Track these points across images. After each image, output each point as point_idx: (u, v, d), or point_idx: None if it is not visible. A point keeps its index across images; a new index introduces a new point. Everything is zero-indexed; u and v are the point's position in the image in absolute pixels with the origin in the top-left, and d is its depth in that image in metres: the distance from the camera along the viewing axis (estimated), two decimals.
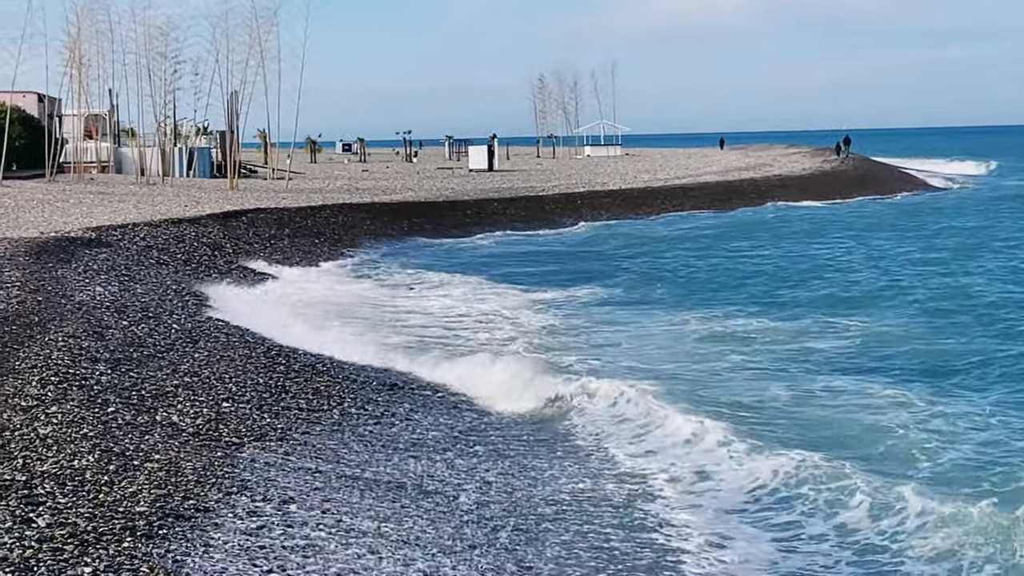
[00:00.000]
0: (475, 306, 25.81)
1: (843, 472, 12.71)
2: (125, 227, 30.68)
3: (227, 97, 60.67)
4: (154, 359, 16.31)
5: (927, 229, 45.48)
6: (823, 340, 21.50)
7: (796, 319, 23.98)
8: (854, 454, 13.70)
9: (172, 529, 9.82)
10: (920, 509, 11.51)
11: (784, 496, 12.34)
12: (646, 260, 35.85)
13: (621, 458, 13.81)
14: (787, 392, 17.14)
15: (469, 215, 48.71)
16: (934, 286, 28.53)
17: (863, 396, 16.87)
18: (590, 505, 12.09)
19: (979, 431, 14.81)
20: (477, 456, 13.91)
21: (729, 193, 63.44)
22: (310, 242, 35.86)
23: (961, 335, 21.77)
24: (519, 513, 11.70)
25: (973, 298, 26.40)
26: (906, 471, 13.04)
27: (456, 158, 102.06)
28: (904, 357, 19.78)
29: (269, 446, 13.03)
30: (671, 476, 13.00)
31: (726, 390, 17.33)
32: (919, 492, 11.93)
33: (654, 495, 12.49)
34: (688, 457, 13.71)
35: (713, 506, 12.18)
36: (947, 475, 12.96)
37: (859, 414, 15.78)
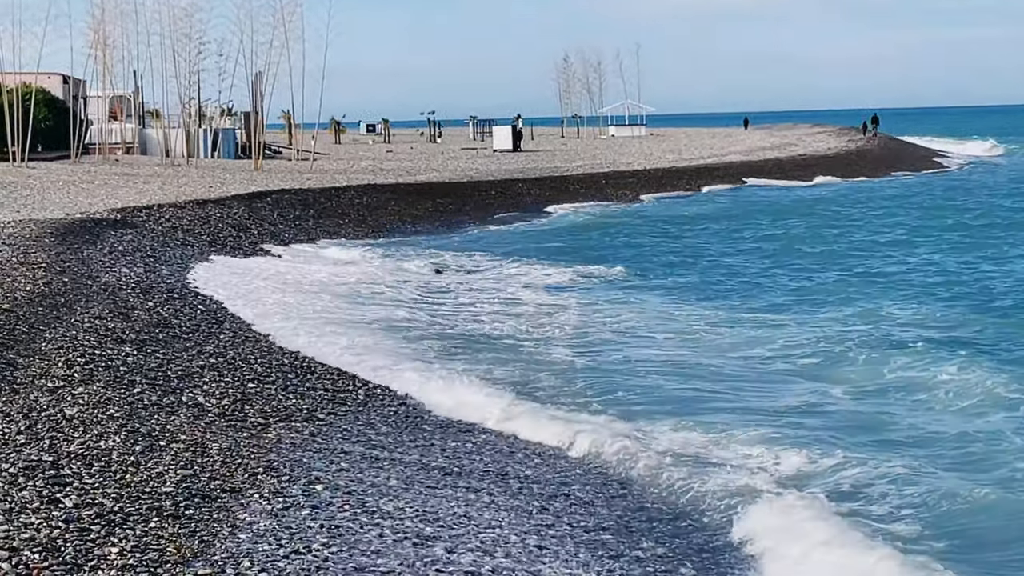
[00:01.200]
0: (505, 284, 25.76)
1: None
2: (150, 208, 30.73)
3: (251, 78, 60.72)
4: (180, 340, 16.35)
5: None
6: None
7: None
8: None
9: (198, 510, 9.84)
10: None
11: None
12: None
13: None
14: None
15: (494, 195, 48.66)
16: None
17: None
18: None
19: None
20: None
21: (755, 173, 63.26)
22: (335, 223, 35.86)
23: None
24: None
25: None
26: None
27: (480, 138, 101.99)
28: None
29: (295, 426, 13.04)
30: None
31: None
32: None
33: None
34: None
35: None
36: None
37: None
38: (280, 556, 9.09)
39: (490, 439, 13.70)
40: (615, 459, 12.62)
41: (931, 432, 13.77)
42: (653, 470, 12.17)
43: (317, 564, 9.00)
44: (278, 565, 8.92)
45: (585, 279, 27.09)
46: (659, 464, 12.29)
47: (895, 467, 12.13)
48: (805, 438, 13.32)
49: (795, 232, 37.79)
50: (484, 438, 13.73)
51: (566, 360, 17.73)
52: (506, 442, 13.57)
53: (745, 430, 13.48)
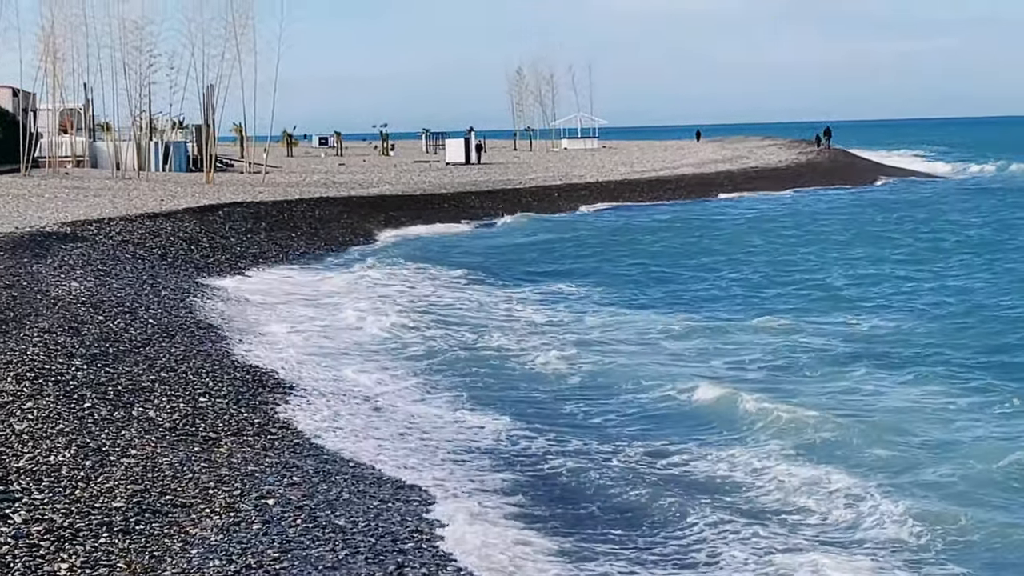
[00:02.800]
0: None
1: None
2: (100, 222, 30.54)
3: (203, 91, 60.40)
4: (130, 354, 16.26)
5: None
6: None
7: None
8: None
9: (149, 525, 9.79)
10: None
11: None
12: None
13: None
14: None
15: (447, 208, 48.67)
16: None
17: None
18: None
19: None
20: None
21: (705, 185, 63.52)
22: (287, 236, 35.76)
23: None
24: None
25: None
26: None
27: (433, 151, 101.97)
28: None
29: (246, 441, 12.98)
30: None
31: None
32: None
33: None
34: None
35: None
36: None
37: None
38: (231, 572, 9.06)
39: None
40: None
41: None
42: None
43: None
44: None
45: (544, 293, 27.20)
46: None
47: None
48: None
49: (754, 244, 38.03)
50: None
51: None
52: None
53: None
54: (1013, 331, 21.14)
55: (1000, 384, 16.76)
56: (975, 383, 17.04)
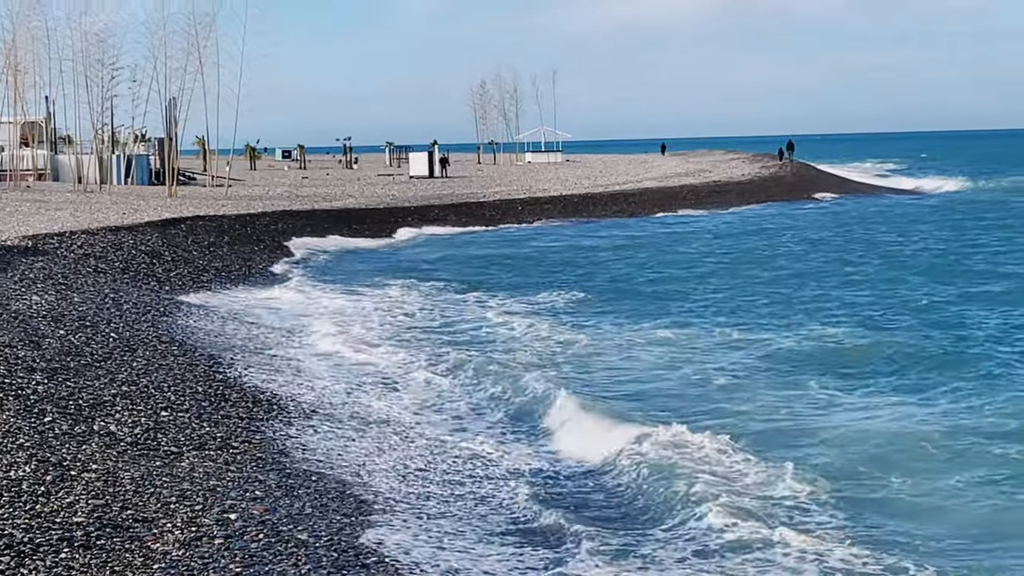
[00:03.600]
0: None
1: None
2: (62, 235, 30.39)
3: (165, 104, 60.26)
4: (91, 368, 16.17)
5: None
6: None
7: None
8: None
9: (110, 540, 9.74)
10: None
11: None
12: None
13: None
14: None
15: (411, 222, 48.69)
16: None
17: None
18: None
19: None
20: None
21: (669, 199, 63.67)
22: (250, 249, 35.68)
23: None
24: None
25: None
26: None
27: (397, 164, 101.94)
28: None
29: (208, 455, 12.93)
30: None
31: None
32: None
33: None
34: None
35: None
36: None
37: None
38: None
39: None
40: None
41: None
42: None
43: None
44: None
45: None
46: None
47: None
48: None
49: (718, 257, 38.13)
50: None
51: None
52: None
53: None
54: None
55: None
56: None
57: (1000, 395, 17.03)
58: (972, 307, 25.69)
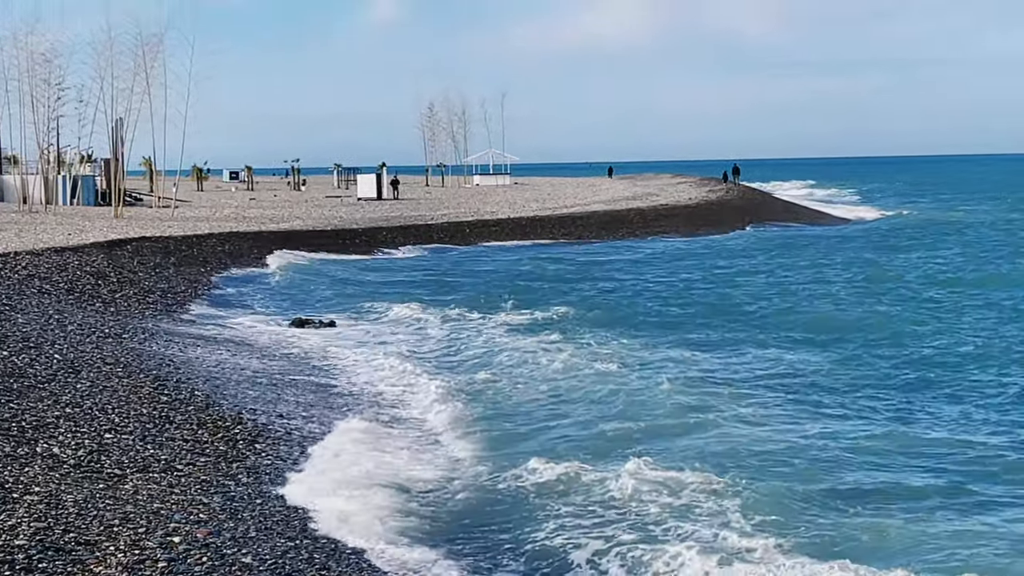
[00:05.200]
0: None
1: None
2: (6, 255, 30.19)
3: (112, 124, 59.99)
4: (35, 390, 16.06)
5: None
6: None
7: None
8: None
9: (52, 563, 9.68)
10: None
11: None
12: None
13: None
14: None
15: (359, 244, 48.65)
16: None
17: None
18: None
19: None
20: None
21: (616, 223, 63.88)
22: (196, 271, 35.52)
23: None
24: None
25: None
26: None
27: (345, 187, 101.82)
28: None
29: (152, 477, 12.86)
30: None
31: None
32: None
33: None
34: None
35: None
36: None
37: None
38: None
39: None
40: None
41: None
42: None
43: None
44: None
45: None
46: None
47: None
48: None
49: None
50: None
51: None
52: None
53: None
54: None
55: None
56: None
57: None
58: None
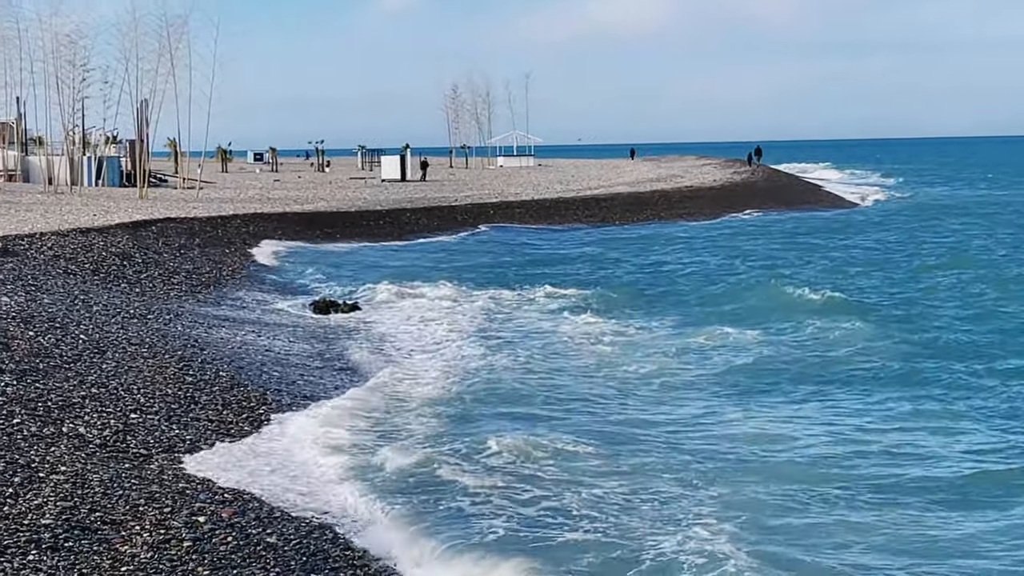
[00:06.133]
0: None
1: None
2: (32, 236, 30.29)
3: (137, 105, 60.14)
4: (61, 370, 16.13)
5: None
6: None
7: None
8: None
9: (78, 542, 9.73)
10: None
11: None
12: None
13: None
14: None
15: (382, 225, 48.68)
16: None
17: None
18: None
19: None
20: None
21: (641, 204, 63.75)
22: (221, 252, 35.60)
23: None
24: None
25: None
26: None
27: (369, 168, 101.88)
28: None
29: (178, 457, 12.92)
30: None
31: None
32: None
33: None
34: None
35: None
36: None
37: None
38: None
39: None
40: None
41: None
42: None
43: None
44: None
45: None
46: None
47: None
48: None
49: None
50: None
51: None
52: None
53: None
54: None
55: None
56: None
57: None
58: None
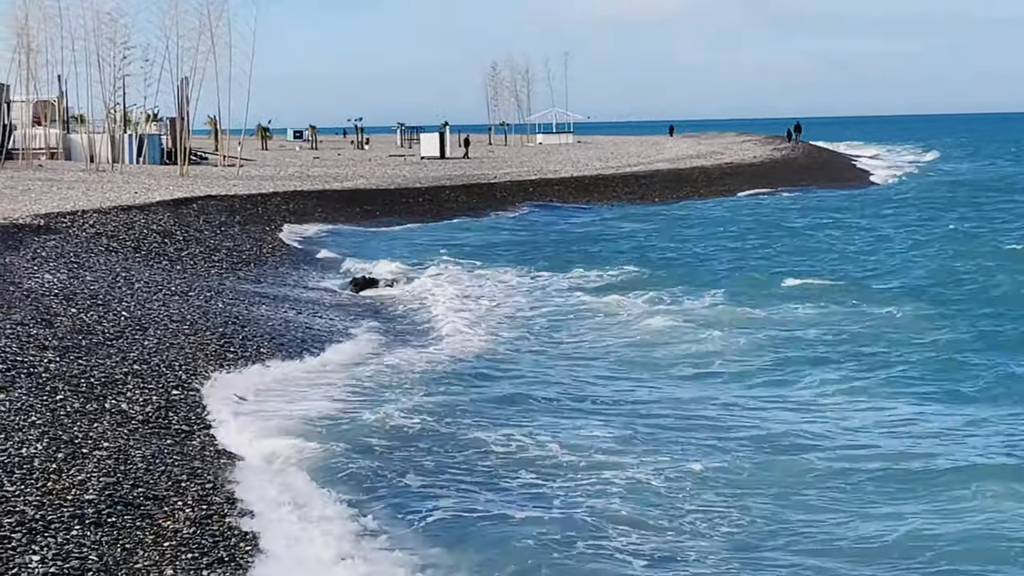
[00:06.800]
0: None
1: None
2: (74, 214, 30.46)
3: (177, 83, 60.29)
4: (103, 346, 16.24)
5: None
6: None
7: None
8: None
9: (121, 517, 9.81)
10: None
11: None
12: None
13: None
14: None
15: (421, 202, 48.70)
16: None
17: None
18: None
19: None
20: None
21: (680, 181, 63.57)
22: (261, 229, 35.71)
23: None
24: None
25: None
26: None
27: (408, 145, 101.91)
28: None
29: (220, 433, 13.01)
30: None
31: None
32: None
33: None
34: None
35: None
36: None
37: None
38: (204, 564, 9.09)
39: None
40: None
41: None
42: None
43: (241, 574, 9.02)
44: (201, 574, 8.92)
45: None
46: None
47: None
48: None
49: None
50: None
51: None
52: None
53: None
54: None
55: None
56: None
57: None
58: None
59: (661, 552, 10.22)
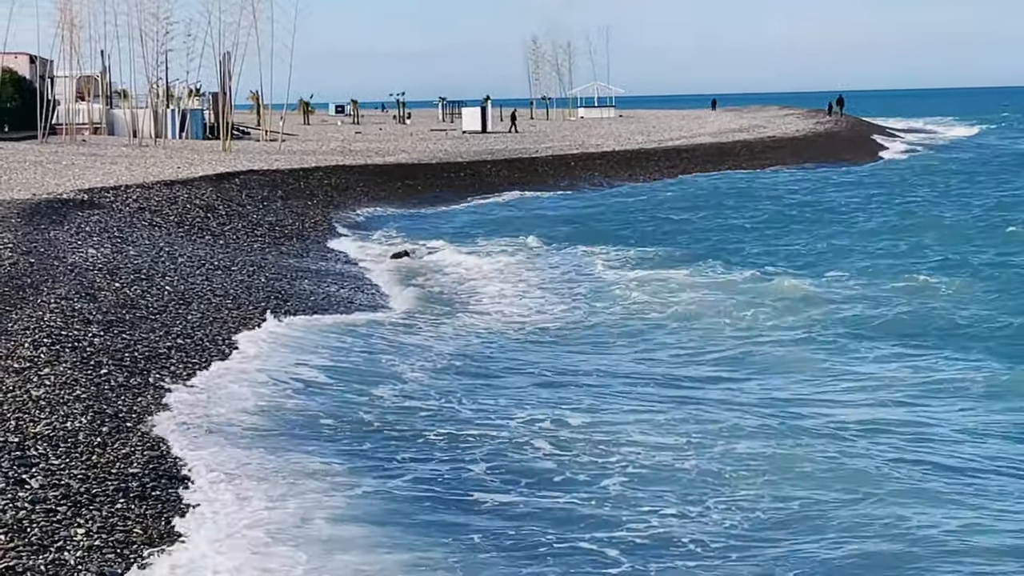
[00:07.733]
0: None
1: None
2: (117, 189, 30.58)
3: (219, 58, 60.40)
4: (147, 321, 16.30)
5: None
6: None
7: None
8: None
9: (165, 491, 9.85)
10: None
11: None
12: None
13: None
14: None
15: (463, 177, 48.65)
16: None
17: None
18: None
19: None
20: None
21: (723, 155, 63.29)
22: (303, 204, 35.78)
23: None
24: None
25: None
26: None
27: (450, 120, 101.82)
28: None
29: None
30: None
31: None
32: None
33: None
34: None
35: None
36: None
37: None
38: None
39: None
40: None
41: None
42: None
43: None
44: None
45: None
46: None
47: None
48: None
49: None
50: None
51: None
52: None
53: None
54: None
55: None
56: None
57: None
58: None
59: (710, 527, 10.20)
